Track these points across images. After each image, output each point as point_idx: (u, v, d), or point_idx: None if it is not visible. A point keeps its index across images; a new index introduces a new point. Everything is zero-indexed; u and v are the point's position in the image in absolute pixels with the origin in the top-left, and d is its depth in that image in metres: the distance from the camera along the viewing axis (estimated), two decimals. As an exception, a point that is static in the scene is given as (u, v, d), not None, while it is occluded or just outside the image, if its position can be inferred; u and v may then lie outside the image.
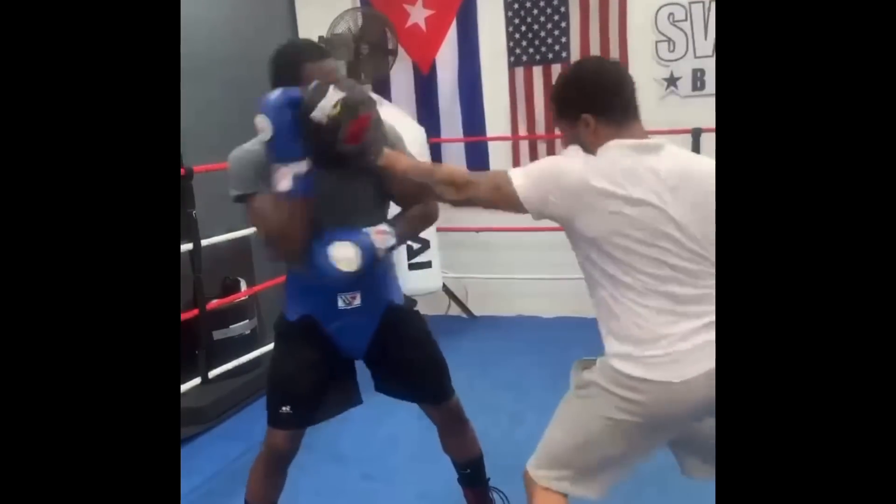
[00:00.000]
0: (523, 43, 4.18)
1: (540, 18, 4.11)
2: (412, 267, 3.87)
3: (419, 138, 3.85)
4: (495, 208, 1.52)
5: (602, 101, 1.47)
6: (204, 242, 2.99)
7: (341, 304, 1.75)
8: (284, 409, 1.78)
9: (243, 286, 3.44)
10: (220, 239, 3.19)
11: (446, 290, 4.34)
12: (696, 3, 3.82)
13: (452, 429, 1.96)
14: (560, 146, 1.59)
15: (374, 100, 1.63)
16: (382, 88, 4.33)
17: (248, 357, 3.30)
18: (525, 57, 4.18)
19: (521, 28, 4.17)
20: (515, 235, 4.00)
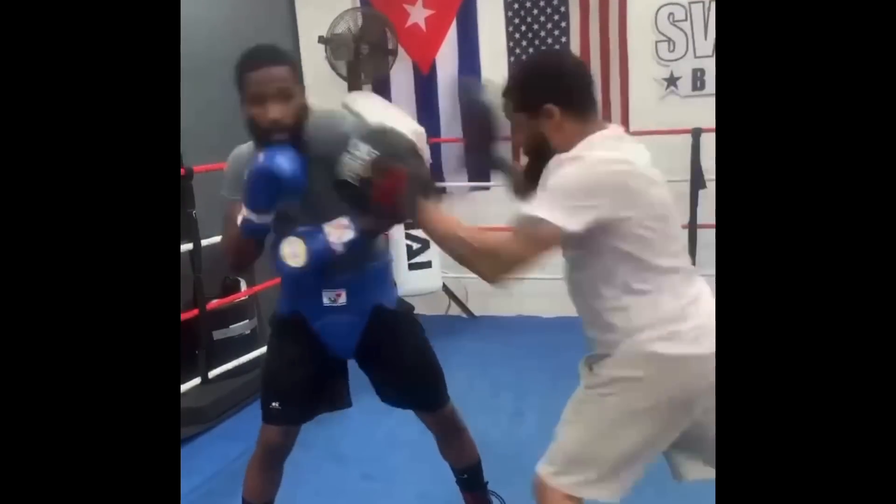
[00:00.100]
0: (523, 43, 4.18)
1: (540, 18, 4.11)
2: (412, 267, 3.87)
3: (419, 138, 3.85)
4: (537, 259, 1.41)
5: (567, 92, 1.45)
6: (204, 242, 2.99)
7: (326, 302, 1.74)
8: (274, 405, 1.78)
9: (243, 286, 3.44)
10: (220, 239, 3.18)
11: (446, 290, 4.33)
12: (696, 3, 3.82)
13: (448, 436, 1.94)
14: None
15: (414, 146, 1.49)
16: (382, 88, 4.33)
17: (248, 357, 3.29)
18: (525, 57, 4.18)
19: (521, 28, 4.17)
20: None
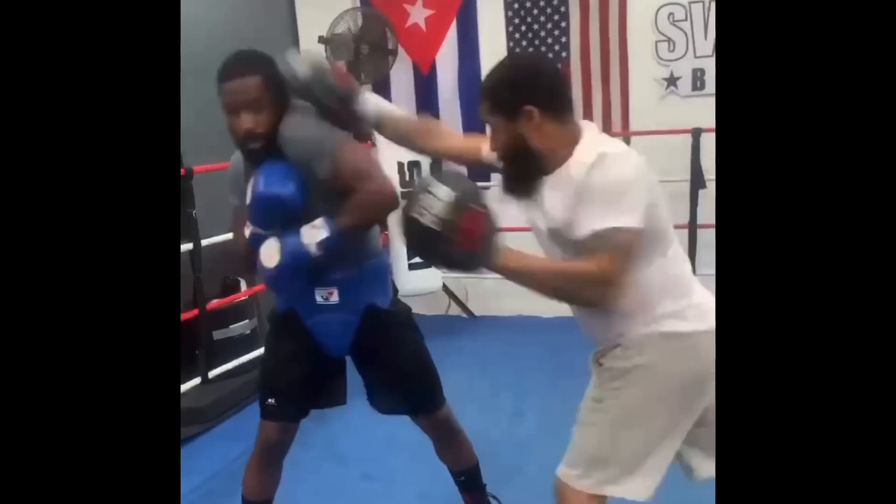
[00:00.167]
0: (523, 43, 4.17)
1: (540, 18, 4.11)
2: (412, 267, 3.86)
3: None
4: (630, 268, 1.38)
5: (546, 93, 1.44)
6: (204, 242, 2.99)
7: (319, 299, 1.74)
8: (270, 401, 1.79)
9: (243, 286, 3.44)
10: (220, 239, 3.18)
11: (446, 290, 4.33)
12: (696, 3, 3.82)
13: (444, 439, 1.94)
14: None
15: (474, 184, 1.39)
16: (382, 88, 4.33)
17: (248, 357, 3.29)
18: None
19: (521, 28, 4.17)
20: (516, 235, 3.99)
